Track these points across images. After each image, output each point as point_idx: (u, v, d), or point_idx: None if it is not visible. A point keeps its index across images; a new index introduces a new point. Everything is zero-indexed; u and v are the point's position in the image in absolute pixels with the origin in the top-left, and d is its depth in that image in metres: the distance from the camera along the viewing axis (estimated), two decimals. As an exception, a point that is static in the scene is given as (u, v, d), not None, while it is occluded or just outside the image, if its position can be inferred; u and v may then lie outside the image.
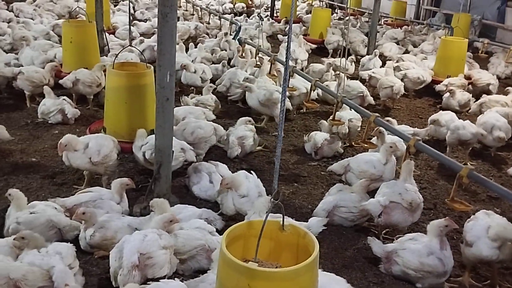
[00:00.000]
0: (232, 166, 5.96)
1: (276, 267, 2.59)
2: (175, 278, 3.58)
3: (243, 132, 6.34)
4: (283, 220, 2.61)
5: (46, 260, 3.64)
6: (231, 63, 10.03)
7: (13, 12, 13.77)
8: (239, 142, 6.28)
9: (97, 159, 5.14)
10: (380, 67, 10.16)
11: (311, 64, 10.01)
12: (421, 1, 19.81)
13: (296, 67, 8.64)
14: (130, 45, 6.84)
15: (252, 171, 5.11)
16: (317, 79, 7.39)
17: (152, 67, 6.30)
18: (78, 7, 9.42)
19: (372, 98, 8.40)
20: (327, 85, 7.86)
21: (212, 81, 8.86)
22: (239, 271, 2.35)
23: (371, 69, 9.87)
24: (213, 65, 9.70)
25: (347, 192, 4.98)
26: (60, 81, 7.51)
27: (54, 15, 14.14)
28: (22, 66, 8.17)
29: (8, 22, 12.05)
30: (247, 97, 7.55)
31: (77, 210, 4.27)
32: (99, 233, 4.18)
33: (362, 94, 8.13)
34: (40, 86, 7.57)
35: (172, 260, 3.86)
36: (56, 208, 4.48)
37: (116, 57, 6.28)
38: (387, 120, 6.45)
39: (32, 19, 12.96)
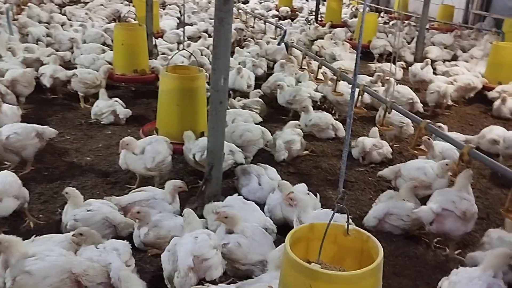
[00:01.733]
0: (279, 170, 5.98)
1: (339, 271, 2.60)
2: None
3: (291, 136, 6.36)
4: (347, 225, 2.62)
5: (104, 256, 3.77)
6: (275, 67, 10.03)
7: (66, 15, 14.27)
8: (286, 146, 6.31)
9: (150, 165, 5.28)
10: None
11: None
12: (469, 5, 19.31)
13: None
14: (184, 48, 6.97)
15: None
16: (365, 84, 7.35)
17: (204, 70, 6.43)
18: (129, 11, 9.67)
19: (421, 105, 8.26)
20: (375, 90, 7.77)
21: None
22: (301, 272, 2.38)
23: (424, 79, 9.65)
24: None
25: (398, 199, 4.92)
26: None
27: (105, 19, 14.56)
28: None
29: (61, 25, 12.52)
30: (278, 95, 7.85)
31: (132, 209, 4.41)
32: (153, 232, 4.29)
33: (411, 101, 8.01)
34: (93, 88, 7.86)
35: (222, 261, 3.92)
36: (111, 206, 4.63)
37: (169, 60, 6.43)
38: (439, 127, 6.34)
39: (83, 22, 13.45)
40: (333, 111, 8.32)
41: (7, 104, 6.36)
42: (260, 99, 7.95)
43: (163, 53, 10.14)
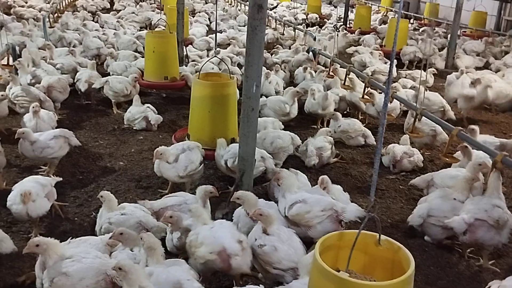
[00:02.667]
0: (309, 177, 5.97)
1: (369, 281, 2.59)
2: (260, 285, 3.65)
3: (322, 143, 6.38)
4: (379, 234, 2.61)
5: (138, 259, 3.84)
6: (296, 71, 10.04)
7: (98, 23, 14.61)
8: (317, 153, 6.32)
9: (182, 174, 5.37)
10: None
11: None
12: (502, 12, 18.97)
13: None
14: (215, 56, 7.05)
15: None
16: (395, 91, 7.30)
17: (236, 78, 6.50)
18: (161, 18, 9.85)
19: (453, 113, 8.15)
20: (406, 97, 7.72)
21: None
22: (330, 280, 2.38)
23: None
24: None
25: (445, 200, 4.79)
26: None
27: (136, 26, 14.84)
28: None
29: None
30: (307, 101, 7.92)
31: (165, 213, 4.47)
32: (186, 236, 4.33)
33: (443, 109, 7.91)
34: (123, 96, 8.02)
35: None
36: (144, 210, 4.71)
37: (201, 67, 6.52)
38: (472, 130, 6.24)
39: (115, 29, 13.76)
40: (362, 118, 8.29)
41: (44, 110, 6.55)
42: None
43: (193, 60, 10.29)
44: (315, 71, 9.30)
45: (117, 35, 11.81)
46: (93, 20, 15.18)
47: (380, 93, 7.67)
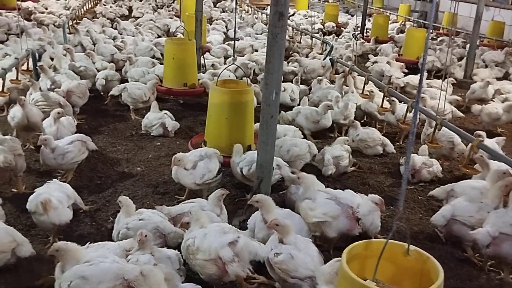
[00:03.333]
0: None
1: (397, 291, 2.56)
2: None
3: (340, 151, 6.33)
4: (408, 245, 2.58)
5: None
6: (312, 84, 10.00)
7: (117, 29, 14.75)
8: (335, 162, 6.27)
9: (199, 182, 5.37)
10: (493, 95, 9.59)
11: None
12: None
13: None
14: (233, 63, 7.07)
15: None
16: (414, 100, 7.23)
17: (253, 85, 6.50)
18: (180, 25, 9.93)
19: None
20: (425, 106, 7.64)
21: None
22: (356, 288, 2.35)
23: (483, 97, 9.40)
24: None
25: (472, 201, 4.74)
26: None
27: (154, 33, 14.96)
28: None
29: (113, 39, 12.98)
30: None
31: (182, 219, 4.47)
32: (203, 243, 4.33)
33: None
34: (141, 103, 8.08)
35: None
36: (161, 216, 4.71)
37: (220, 74, 6.54)
38: (479, 135, 6.17)
39: (133, 35, 13.90)
40: (380, 127, 8.23)
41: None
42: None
43: (212, 65, 10.35)
44: (332, 81, 9.28)
45: (135, 42, 11.91)
46: (111, 27, 15.33)
47: (400, 102, 7.62)
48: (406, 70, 11.74)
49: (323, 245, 4.65)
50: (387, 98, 7.53)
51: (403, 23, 19.43)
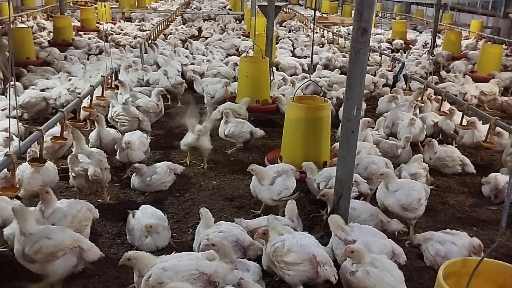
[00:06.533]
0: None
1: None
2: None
3: (416, 169, 6.16)
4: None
5: (236, 273, 3.91)
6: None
7: (188, 49, 15.25)
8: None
9: (276, 198, 5.40)
10: None
11: None
12: None
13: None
14: (310, 79, 7.08)
15: None
16: (497, 118, 6.95)
17: (329, 101, 6.50)
18: (255, 44, 10.17)
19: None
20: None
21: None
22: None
23: None
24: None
25: None
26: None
27: (224, 52, 15.35)
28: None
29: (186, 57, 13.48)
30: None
31: (259, 229, 4.51)
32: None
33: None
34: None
35: None
36: (240, 228, 4.78)
37: (296, 91, 6.61)
38: None
39: (204, 55, 14.32)
40: (457, 146, 7.94)
41: (137, 134, 6.72)
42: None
43: (282, 78, 10.49)
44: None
45: (209, 61, 12.30)
46: (183, 46, 15.87)
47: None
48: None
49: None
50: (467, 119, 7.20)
51: (476, 40, 18.76)
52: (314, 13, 9.85)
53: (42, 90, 8.98)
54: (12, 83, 7.03)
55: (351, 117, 4.56)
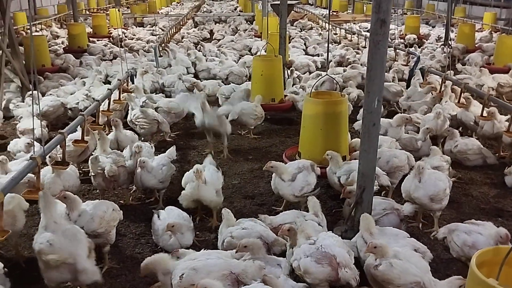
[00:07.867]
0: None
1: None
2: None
3: (439, 162, 6.09)
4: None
5: (268, 269, 3.90)
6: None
7: (201, 51, 15.30)
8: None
9: (298, 194, 5.40)
10: None
11: None
12: None
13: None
14: (327, 74, 7.08)
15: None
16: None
17: (346, 95, 6.47)
18: (267, 43, 10.15)
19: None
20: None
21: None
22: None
23: None
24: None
25: None
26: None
27: (236, 53, 15.39)
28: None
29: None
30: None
31: (282, 226, 4.49)
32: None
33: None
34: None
35: None
36: (262, 225, 4.77)
37: (314, 86, 6.59)
38: None
39: (216, 56, 14.37)
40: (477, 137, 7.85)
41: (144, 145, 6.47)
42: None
43: (298, 76, 10.48)
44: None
45: (221, 63, 12.34)
46: (196, 49, 15.94)
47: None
48: None
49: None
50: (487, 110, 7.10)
51: (490, 31, 18.53)
52: (329, 10, 9.79)
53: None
54: (31, 92, 7.10)
55: (372, 109, 4.52)
